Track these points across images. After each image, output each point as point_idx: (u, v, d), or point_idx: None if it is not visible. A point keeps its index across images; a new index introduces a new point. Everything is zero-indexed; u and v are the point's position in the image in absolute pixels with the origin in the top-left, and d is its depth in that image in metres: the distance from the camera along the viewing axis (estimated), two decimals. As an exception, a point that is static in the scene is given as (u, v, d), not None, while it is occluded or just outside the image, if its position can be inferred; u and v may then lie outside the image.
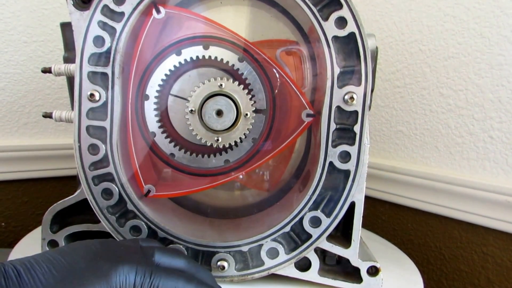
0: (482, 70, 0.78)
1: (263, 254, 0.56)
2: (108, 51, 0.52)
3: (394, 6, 0.91)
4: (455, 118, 0.83)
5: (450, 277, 0.85)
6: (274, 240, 0.56)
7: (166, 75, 0.56)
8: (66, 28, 0.58)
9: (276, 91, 0.57)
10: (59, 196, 0.56)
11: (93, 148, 0.54)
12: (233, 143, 0.56)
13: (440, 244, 0.87)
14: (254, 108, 0.55)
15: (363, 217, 0.55)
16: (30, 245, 0.65)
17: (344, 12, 0.50)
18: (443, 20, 0.83)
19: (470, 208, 0.80)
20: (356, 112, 0.52)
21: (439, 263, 0.87)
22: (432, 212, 0.87)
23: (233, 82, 0.54)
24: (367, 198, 0.97)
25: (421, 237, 0.90)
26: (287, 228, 0.55)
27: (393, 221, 0.95)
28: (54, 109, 0.57)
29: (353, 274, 0.57)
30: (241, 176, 0.60)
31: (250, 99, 0.55)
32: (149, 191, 0.57)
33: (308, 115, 0.56)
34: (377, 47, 0.58)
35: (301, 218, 0.55)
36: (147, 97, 0.56)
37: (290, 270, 0.57)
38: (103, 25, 0.52)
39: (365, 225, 0.98)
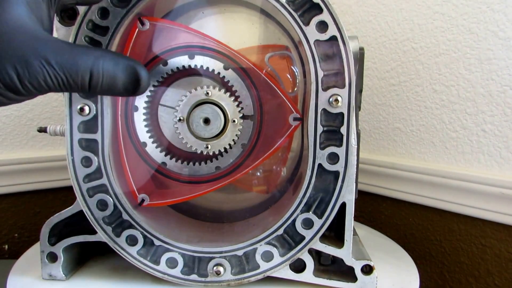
0: (472, 65, 0.79)
1: (258, 257, 0.57)
2: (96, 66, 0.53)
3: (386, 6, 0.92)
4: (449, 113, 0.83)
5: (451, 269, 0.86)
6: (268, 243, 0.56)
7: (154, 85, 0.57)
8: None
9: (263, 96, 0.58)
10: (70, 205, 0.57)
11: (86, 161, 0.55)
12: (222, 150, 0.57)
13: (441, 237, 0.87)
14: (241, 115, 0.56)
15: (367, 213, 0.56)
16: (34, 257, 0.66)
17: (325, 16, 0.51)
18: (433, 17, 0.84)
19: (467, 201, 0.80)
20: (341, 114, 0.53)
21: (440, 256, 0.87)
22: (431, 206, 0.87)
23: (219, 90, 0.55)
24: (370, 195, 0.98)
25: (422, 231, 0.90)
26: (280, 231, 0.56)
27: (396, 216, 0.95)
28: (48, 124, 0.59)
29: (348, 273, 0.58)
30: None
31: (237, 105, 0.56)
32: (143, 200, 0.58)
33: (295, 119, 0.57)
34: (362, 48, 0.58)
35: (294, 220, 0.55)
36: (136, 108, 0.57)
37: (286, 272, 0.57)
38: (90, 40, 0.53)
39: (370, 221, 0.99)
